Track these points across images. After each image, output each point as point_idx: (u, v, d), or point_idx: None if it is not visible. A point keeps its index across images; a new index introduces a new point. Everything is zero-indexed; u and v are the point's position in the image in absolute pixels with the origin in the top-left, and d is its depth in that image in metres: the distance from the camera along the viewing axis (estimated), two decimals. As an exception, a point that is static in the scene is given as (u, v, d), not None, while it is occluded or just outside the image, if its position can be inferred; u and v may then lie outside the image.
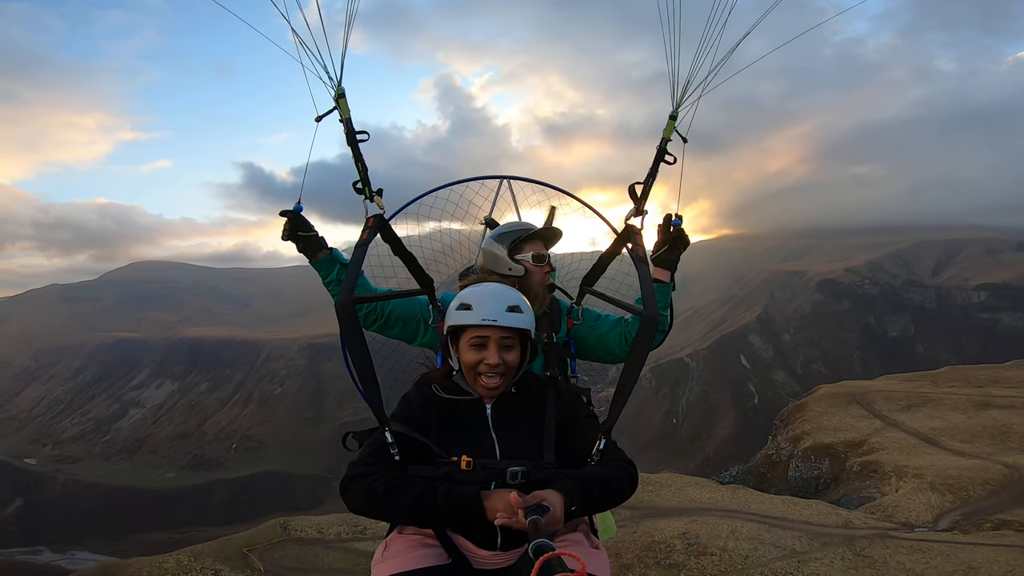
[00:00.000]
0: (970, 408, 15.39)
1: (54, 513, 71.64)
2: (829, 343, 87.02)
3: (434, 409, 1.96)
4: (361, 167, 2.25)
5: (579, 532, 1.98)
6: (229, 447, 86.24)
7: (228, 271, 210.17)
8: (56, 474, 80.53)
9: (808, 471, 13.51)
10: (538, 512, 1.57)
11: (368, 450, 1.86)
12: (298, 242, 2.45)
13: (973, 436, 13.16)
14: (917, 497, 10.12)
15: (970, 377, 19.45)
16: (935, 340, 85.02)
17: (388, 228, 2.35)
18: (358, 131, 2.21)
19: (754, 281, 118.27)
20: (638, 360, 1.91)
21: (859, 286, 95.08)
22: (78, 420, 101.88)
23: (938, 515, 9.49)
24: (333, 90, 2.18)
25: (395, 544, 1.90)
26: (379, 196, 2.29)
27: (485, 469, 1.81)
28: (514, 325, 1.94)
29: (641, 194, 2.38)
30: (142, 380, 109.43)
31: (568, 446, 1.94)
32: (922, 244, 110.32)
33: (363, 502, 1.76)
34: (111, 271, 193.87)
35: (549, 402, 2.00)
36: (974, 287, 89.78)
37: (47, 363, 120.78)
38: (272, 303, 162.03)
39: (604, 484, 1.79)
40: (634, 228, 2.33)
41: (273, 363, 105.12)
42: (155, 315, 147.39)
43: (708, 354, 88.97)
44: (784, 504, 10.12)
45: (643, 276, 2.12)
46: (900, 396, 16.80)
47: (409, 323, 2.56)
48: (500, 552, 1.85)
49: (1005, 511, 9.23)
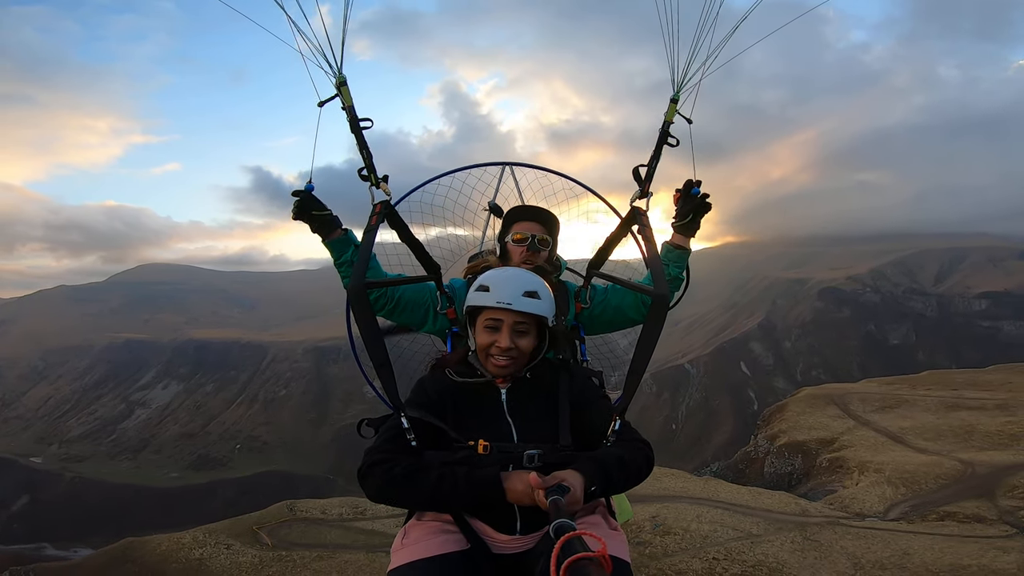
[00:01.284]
0: (941, 409, 16.14)
1: (59, 510, 72.68)
2: (830, 350, 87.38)
3: (449, 394, 1.95)
4: (366, 154, 2.26)
5: (597, 514, 1.98)
6: (233, 447, 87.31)
7: (235, 274, 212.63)
8: (62, 472, 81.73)
9: (782, 467, 14.31)
10: (559, 492, 1.57)
11: (384, 436, 1.85)
12: (312, 222, 2.40)
13: (938, 435, 13.93)
14: (873, 490, 10.92)
15: (948, 380, 20.18)
16: (936, 348, 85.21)
17: (395, 214, 2.38)
18: (361, 118, 2.23)
19: (756, 288, 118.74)
20: (651, 340, 1.90)
21: (861, 294, 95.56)
22: (85, 419, 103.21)
23: (889, 506, 10.27)
24: (334, 78, 2.19)
25: (414, 531, 1.89)
26: (385, 182, 2.30)
27: (502, 453, 1.81)
28: (528, 311, 1.94)
29: (646, 176, 2.41)
30: (149, 381, 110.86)
31: (583, 428, 1.94)
32: (926, 252, 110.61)
33: (383, 488, 1.75)
34: (119, 273, 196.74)
35: (563, 385, 2.00)
36: (976, 295, 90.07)
37: (55, 363, 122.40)
38: (278, 306, 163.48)
39: (622, 464, 1.79)
40: (640, 210, 2.36)
41: (278, 365, 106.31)
42: (162, 317, 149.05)
43: (709, 360, 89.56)
44: (750, 494, 10.94)
45: (651, 255, 2.13)
46: (876, 398, 17.57)
47: (418, 308, 2.55)
48: (519, 536, 1.84)
49: (952, 503, 9.99)
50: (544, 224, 2.67)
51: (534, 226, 2.65)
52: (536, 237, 2.61)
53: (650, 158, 2.42)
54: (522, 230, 2.63)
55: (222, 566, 9.85)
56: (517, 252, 2.62)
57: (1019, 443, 13.03)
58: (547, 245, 2.65)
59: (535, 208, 2.73)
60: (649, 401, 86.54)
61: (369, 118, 2.24)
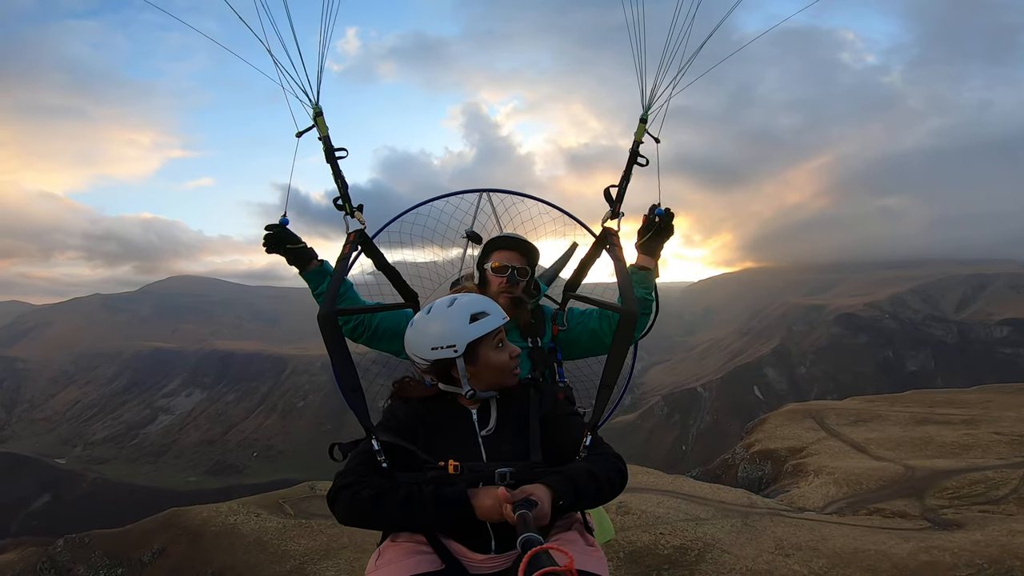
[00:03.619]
0: (909, 423, 17.28)
1: (78, 509, 75.50)
2: (844, 376, 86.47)
3: (419, 418, 1.95)
4: (341, 183, 2.30)
5: (574, 531, 1.97)
6: (250, 455, 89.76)
7: (260, 288, 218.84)
8: (84, 472, 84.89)
9: (753, 472, 15.60)
10: (526, 507, 1.57)
11: (355, 460, 1.85)
12: (287, 255, 2.46)
13: (898, 445, 15.13)
14: (820, 489, 12.28)
15: (928, 399, 21.17)
16: (955, 374, 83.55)
17: (369, 242, 2.45)
18: (336, 148, 2.28)
19: (773, 314, 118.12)
20: (619, 354, 1.94)
21: (879, 320, 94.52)
22: (109, 423, 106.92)
23: (828, 502, 11.62)
24: (311, 108, 2.23)
25: (388, 552, 1.87)
26: (359, 212, 2.36)
27: (473, 472, 1.80)
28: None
29: (616, 197, 2.45)
30: (173, 388, 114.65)
31: (555, 445, 1.93)
32: (948, 279, 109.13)
33: (351, 511, 1.76)
34: (151, 284, 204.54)
35: (532, 403, 2.00)
36: (997, 322, 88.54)
37: (85, 367, 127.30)
38: (300, 320, 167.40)
39: (592, 478, 1.78)
40: (611, 230, 2.42)
41: (297, 377, 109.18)
42: (189, 327, 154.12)
43: (721, 384, 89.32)
44: (710, 489, 12.37)
45: (620, 273, 2.19)
46: (851, 413, 18.72)
47: (397, 337, 2.47)
48: (495, 555, 1.83)
49: (884, 501, 11.30)
50: (524, 255, 2.66)
51: (513, 256, 2.62)
52: (515, 268, 2.58)
53: (620, 178, 2.46)
54: (501, 259, 2.61)
55: (251, 530, 11.68)
56: (496, 281, 2.59)
57: (968, 452, 14.10)
58: (526, 276, 2.63)
59: (515, 238, 2.71)
60: (660, 423, 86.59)
61: (344, 148, 2.31)
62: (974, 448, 14.26)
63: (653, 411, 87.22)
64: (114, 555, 12.68)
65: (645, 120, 2.42)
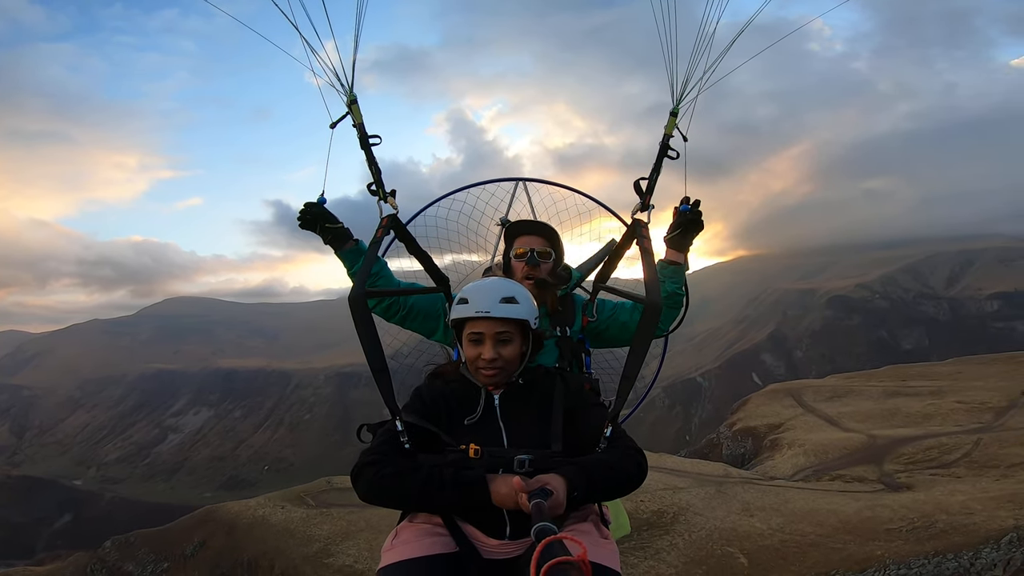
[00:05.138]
0: (881, 397, 18.55)
1: (100, 527, 76.54)
2: (841, 358, 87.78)
3: (444, 401, 2.00)
4: (375, 170, 2.36)
5: (589, 523, 1.97)
6: (262, 468, 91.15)
7: (257, 306, 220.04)
8: (102, 492, 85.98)
9: (737, 449, 16.84)
10: (541, 496, 1.59)
11: (379, 439, 1.90)
12: (324, 234, 2.47)
13: (867, 417, 16.39)
14: (791, 460, 13.52)
15: (902, 373, 22.43)
16: (950, 351, 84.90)
17: (401, 227, 2.46)
18: (371, 135, 2.32)
19: (767, 301, 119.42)
20: (642, 346, 1.93)
21: (870, 300, 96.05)
22: (120, 444, 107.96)
23: (797, 471, 12.86)
24: (346, 97, 2.28)
25: (405, 532, 1.91)
26: (392, 197, 2.38)
27: (493, 457, 1.83)
28: (508, 315, 1.97)
29: (646, 189, 2.44)
30: (180, 407, 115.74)
31: (576, 434, 1.95)
32: (936, 256, 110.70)
33: (372, 487, 1.80)
34: (148, 306, 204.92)
35: (557, 392, 2.03)
36: (987, 296, 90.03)
37: (91, 392, 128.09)
38: (300, 335, 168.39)
39: (608, 470, 1.81)
40: (640, 222, 2.39)
41: (302, 391, 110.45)
42: (190, 348, 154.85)
43: (720, 373, 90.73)
44: (691, 463, 13.62)
45: (647, 266, 2.15)
46: (828, 389, 19.99)
47: (429, 318, 2.61)
48: (509, 541, 1.85)
49: (845, 468, 12.52)
50: (545, 237, 2.69)
51: (534, 239, 2.67)
52: (535, 251, 2.62)
53: (651, 171, 2.47)
54: (522, 244, 2.66)
55: (279, 520, 12.92)
56: (519, 267, 2.64)
57: (929, 421, 15.31)
58: (548, 258, 2.65)
59: (534, 222, 2.77)
60: (662, 414, 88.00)
61: (378, 135, 2.35)
62: (935, 417, 15.47)
63: (655, 403, 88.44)
64: (159, 551, 13.82)
65: (676, 113, 2.43)
